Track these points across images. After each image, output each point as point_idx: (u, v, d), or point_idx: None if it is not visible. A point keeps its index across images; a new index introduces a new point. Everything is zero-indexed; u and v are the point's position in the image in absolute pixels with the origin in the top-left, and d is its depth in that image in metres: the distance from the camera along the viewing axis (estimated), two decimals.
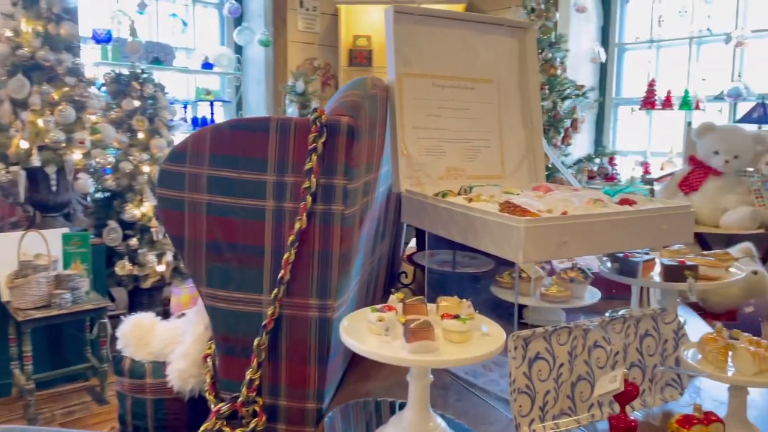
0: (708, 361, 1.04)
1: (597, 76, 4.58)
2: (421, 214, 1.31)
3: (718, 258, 1.35)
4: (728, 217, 3.13)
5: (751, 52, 3.83)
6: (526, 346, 1.08)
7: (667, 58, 4.34)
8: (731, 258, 1.36)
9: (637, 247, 1.22)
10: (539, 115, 1.59)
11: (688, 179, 3.39)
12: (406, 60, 1.43)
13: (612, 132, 4.60)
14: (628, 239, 1.15)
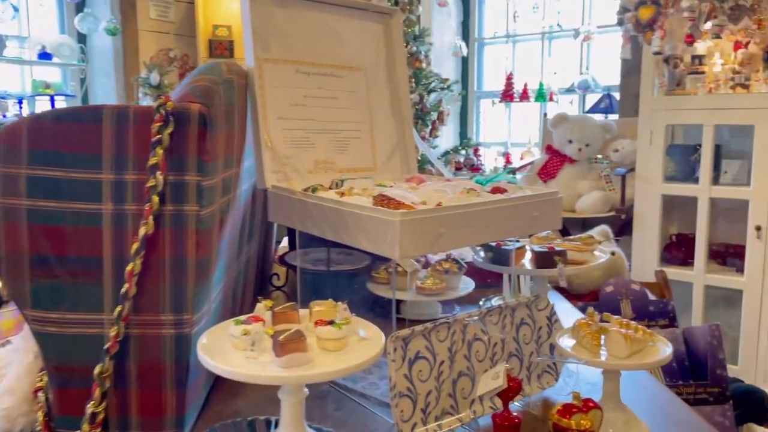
0: (582, 346, 1.05)
1: (459, 70, 4.71)
2: (290, 211, 1.21)
3: (583, 242, 1.38)
4: (582, 202, 3.33)
5: (598, 46, 4.12)
6: (406, 347, 1.02)
7: (523, 53, 4.56)
8: (595, 241, 1.40)
9: (511, 235, 1.21)
10: (409, 104, 1.55)
11: (546, 167, 3.57)
12: (265, 44, 1.31)
13: (476, 124, 4.76)
14: (503, 228, 1.13)
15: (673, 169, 3.16)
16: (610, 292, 1.89)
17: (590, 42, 3.89)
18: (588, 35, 3.75)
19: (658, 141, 2.98)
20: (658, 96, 3.00)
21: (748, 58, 2.90)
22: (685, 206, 2.95)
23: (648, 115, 3.01)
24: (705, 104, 2.85)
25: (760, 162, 2.73)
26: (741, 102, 2.76)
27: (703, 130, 2.87)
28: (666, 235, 3.29)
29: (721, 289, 2.92)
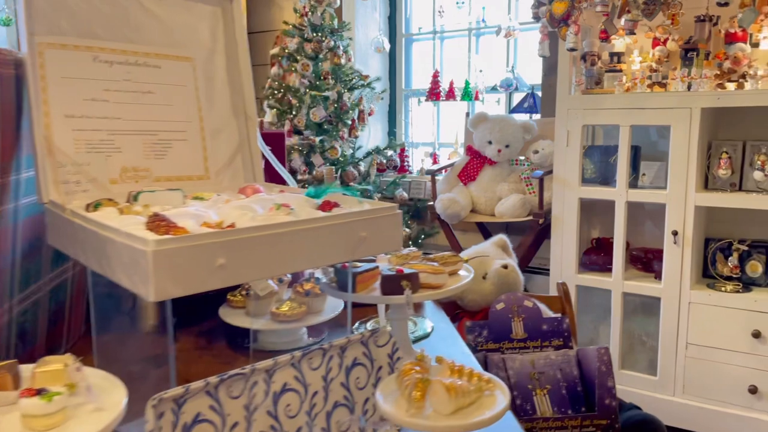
0: (404, 399, 0.85)
1: (386, 67, 4.51)
2: (62, 233, 0.97)
3: (444, 261, 1.19)
4: (501, 205, 3.18)
5: (525, 44, 3.98)
6: (179, 411, 0.80)
7: (450, 50, 4.39)
8: (458, 260, 1.21)
9: (326, 262, 1.00)
10: (253, 101, 1.33)
11: (466, 169, 3.40)
12: (51, 25, 1.07)
13: (404, 123, 4.57)
14: (316, 254, 0.92)
15: (592, 171, 3.03)
16: (501, 309, 1.71)
17: (513, 39, 3.75)
18: (510, 32, 3.60)
19: (575, 142, 2.85)
20: (575, 95, 2.86)
21: (665, 55, 2.79)
22: (606, 210, 2.82)
23: (564, 114, 2.87)
24: (621, 104, 2.73)
25: (676, 164, 2.62)
26: (657, 101, 2.65)
27: (620, 130, 2.74)
28: (587, 240, 3.17)
29: (640, 296, 2.80)
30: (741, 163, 2.71)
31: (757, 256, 2.69)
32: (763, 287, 2.66)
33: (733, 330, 2.53)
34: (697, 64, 2.67)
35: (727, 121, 2.80)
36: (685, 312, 2.64)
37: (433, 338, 1.51)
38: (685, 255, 2.63)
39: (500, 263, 1.81)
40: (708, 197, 2.60)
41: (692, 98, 2.57)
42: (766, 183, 2.58)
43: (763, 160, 2.54)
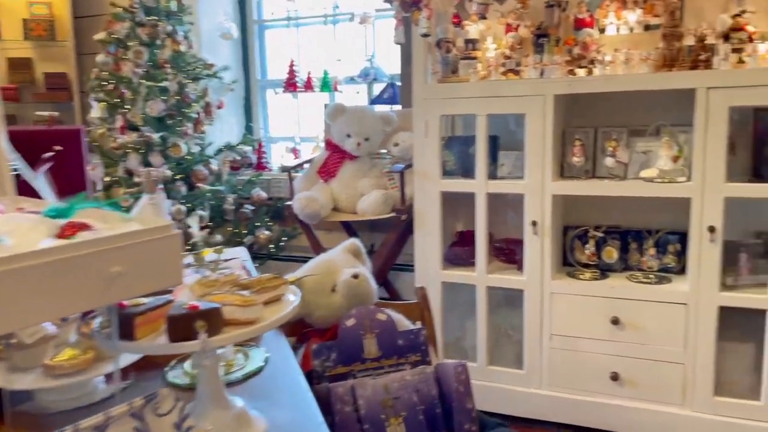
0: None
1: (239, 56, 4.17)
2: None
3: (261, 288, 0.94)
4: (363, 202, 2.99)
5: (382, 32, 3.81)
6: None
7: (307, 38, 4.13)
8: (279, 284, 0.97)
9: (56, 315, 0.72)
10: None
11: (326, 165, 3.18)
12: None
13: (262, 117, 4.26)
14: (33, 306, 0.63)
15: (453, 163, 2.92)
16: (351, 326, 1.50)
17: (370, 26, 3.57)
18: (366, 18, 3.42)
19: (434, 133, 2.71)
20: (432, 84, 2.73)
21: (518, 42, 2.73)
22: (469, 202, 2.71)
23: (422, 105, 2.72)
24: (477, 92, 2.63)
25: (532, 153, 2.56)
26: (511, 89, 2.57)
27: (477, 120, 2.65)
28: (452, 234, 3.07)
29: (504, 289, 2.74)
30: (594, 150, 2.72)
31: (611, 242, 2.71)
32: (619, 272, 2.69)
33: (594, 318, 2.53)
34: (548, 51, 2.63)
35: (580, 108, 2.80)
36: (547, 303, 2.60)
37: (266, 373, 1.26)
38: (545, 245, 2.59)
39: (350, 272, 1.60)
40: (564, 185, 2.58)
41: (545, 85, 2.52)
42: (617, 169, 2.60)
43: (614, 146, 2.55)
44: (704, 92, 2.27)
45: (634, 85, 2.39)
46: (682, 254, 2.59)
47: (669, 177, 2.46)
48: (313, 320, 1.62)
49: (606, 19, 2.66)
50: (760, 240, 2.46)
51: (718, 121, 2.26)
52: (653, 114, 2.59)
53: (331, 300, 1.59)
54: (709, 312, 2.35)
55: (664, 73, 2.37)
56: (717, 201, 2.29)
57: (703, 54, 2.32)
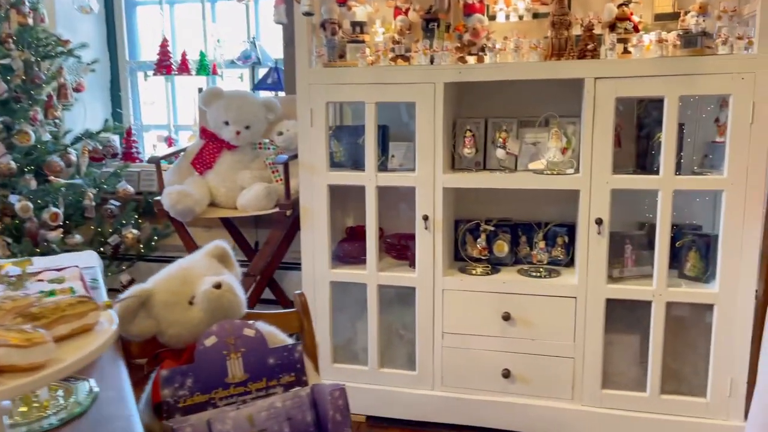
0: None
1: (104, 34, 3.73)
2: None
3: (58, 318, 0.70)
4: (242, 197, 2.73)
5: (266, 11, 3.54)
6: None
7: (184, 17, 3.77)
8: (91, 309, 0.73)
9: None
10: None
11: (201, 155, 2.88)
12: None
13: (133, 102, 3.84)
14: None
15: (341, 154, 2.74)
16: (211, 346, 1.27)
17: (251, 4, 3.29)
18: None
19: (320, 122, 2.51)
20: (317, 68, 2.52)
21: (407, 26, 2.58)
22: (360, 196, 2.54)
23: (306, 90, 2.51)
24: (365, 78, 2.46)
25: (423, 144, 2.43)
26: (401, 76, 2.42)
27: (366, 108, 2.47)
28: (342, 230, 2.89)
29: (396, 287, 2.60)
30: (485, 141, 2.64)
31: (502, 236, 2.65)
32: (510, 266, 2.63)
33: (485, 314, 2.45)
34: (438, 36, 2.50)
35: (471, 97, 2.71)
36: (439, 300, 2.49)
37: (92, 415, 1.01)
38: (436, 240, 2.47)
39: (211, 282, 1.36)
40: (455, 178, 2.47)
41: (435, 72, 2.39)
42: (507, 160, 2.53)
43: (504, 138, 2.47)
44: (591, 82, 2.23)
45: (523, 74, 2.32)
46: (570, 246, 2.57)
47: (558, 169, 2.41)
48: (167, 339, 1.37)
49: (496, 5, 2.58)
50: (642, 231, 2.49)
51: (605, 112, 2.23)
52: (543, 104, 2.54)
53: (188, 315, 1.35)
54: (597, 305, 2.33)
55: (552, 62, 2.31)
56: (604, 193, 2.27)
57: (590, 43, 2.29)
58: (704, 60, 2.13)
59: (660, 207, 2.24)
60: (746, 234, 2.16)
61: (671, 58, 2.18)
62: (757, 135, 2.11)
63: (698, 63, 2.13)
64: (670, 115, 2.18)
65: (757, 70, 2.08)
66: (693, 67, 2.14)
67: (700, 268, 2.34)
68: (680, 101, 2.17)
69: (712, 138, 2.35)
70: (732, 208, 2.17)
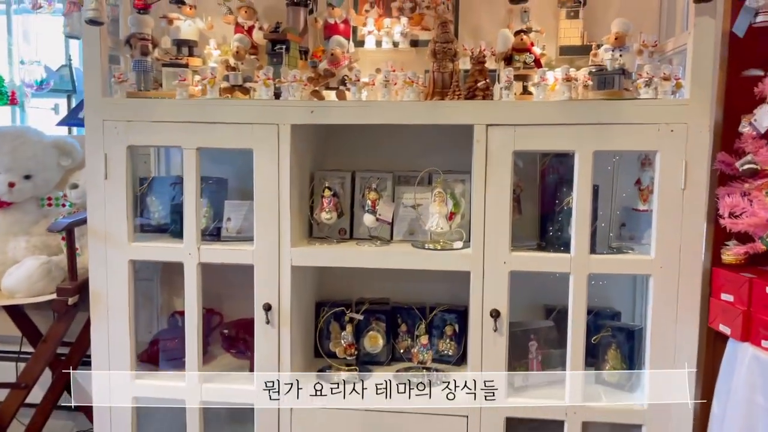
0: None
1: None
2: None
3: None
4: (9, 277, 1.93)
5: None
6: None
7: None
8: None
9: None
10: None
11: None
12: None
13: None
14: None
15: (161, 215, 2.03)
16: None
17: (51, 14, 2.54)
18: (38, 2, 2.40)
19: (119, 172, 1.80)
20: (118, 98, 1.81)
21: (248, 48, 1.94)
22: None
23: (98, 129, 1.80)
24: (183, 115, 1.78)
25: (262, 208, 1.78)
26: (233, 113, 1.77)
27: (184, 155, 1.79)
28: (165, 317, 2.15)
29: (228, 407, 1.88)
30: (351, 201, 2.02)
31: (376, 324, 2.02)
32: (385, 365, 2.01)
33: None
34: (288, 62, 1.88)
35: (333, 143, 2.10)
36: (286, 424, 1.80)
37: None
38: (282, 338, 1.80)
39: None
40: (307, 253, 1.82)
41: (279, 111, 1.76)
42: (379, 229, 1.92)
43: (374, 200, 1.86)
44: (482, 130, 1.68)
45: (395, 117, 1.74)
46: (462, 337, 1.99)
47: (442, 241, 1.83)
48: None
49: (364, 27, 2.00)
50: (550, 322, 1.94)
51: (500, 168, 1.68)
52: (426, 156, 1.98)
53: None
54: (495, 426, 1.73)
55: (433, 103, 1.75)
56: (501, 276, 1.70)
57: (481, 80, 1.75)
58: (623, 105, 1.63)
59: (572, 295, 1.70)
60: (680, 331, 1.65)
61: (582, 102, 1.68)
62: (691, 204, 1.62)
63: (616, 109, 1.63)
64: (581, 174, 1.66)
65: (689, 121, 1.60)
66: (609, 113, 1.64)
67: (623, 373, 1.81)
68: (594, 157, 1.66)
69: (632, 204, 1.85)
70: (661, 299, 1.66)
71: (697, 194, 1.62)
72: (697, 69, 1.59)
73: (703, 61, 1.59)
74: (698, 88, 1.59)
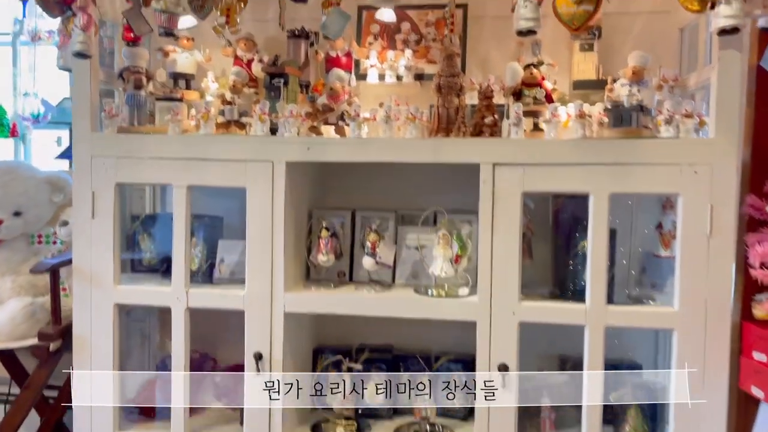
0: None
1: None
2: None
3: None
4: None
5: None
6: None
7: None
8: None
9: None
10: None
11: None
12: None
13: None
14: None
15: (154, 255, 1.94)
16: None
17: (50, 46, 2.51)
18: (38, 34, 2.36)
19: (106, 210, 1.71)
20: (108, 133, 1.74)
21: (245, 81, 1.87)
22: None
23: (86, 166, 1.72)
24: (173, 151, 1.70)
25: (255, 249, 1.68)
26: (226, 149, 1.68)
27: (174, 193, 1.71)
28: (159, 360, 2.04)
29: None
30: (351, 242, 1.91)
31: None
32: (386, 420, 1.86)
33: None
34: (286, 97, 1.80)
35: (333, 180, 2.00)
36: None
37: None
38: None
39: None
40: (303, 299, 1.71)
41: (273, 147, 1.66)
42: (380, 272, 1.80)
43: (374, 241, 1.75)
44: (489, 170, 1.56)
45: (396, 154, 1.63)
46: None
47: (447, 287, 1.71)
48: None
49: (367, 60, 1.92)
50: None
51: (508, 211, 1.56)
52: (430, 194, 1.87)
53: None
54: None
55: (437, 140, 1.64)
56: (510, 328, 1.57)
57: (489, 116, 1.64)
58: (642, 145, 1.51)
59: (587, 349, 1.55)
60: (707, 393, 1.49)
61: (597, 141, 1.56)
62: (717, 252, 1.48)
63: (634, 148, 1.51)
64: (597, 219, 1.54)
65: (714, 161, 1.47)
66: (627, 153, 1.51)
67: None
68: (611, 199, 1.53)
69: (653, 248, 1.71)
70: (686, 356, 1.50)
71: (725, 241, 1.48)
72: (722, 105, 1.47)
73: (728, 96, 1.47)
74: (724, 125, 1.47)
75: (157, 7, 1.50)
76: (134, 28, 1.54)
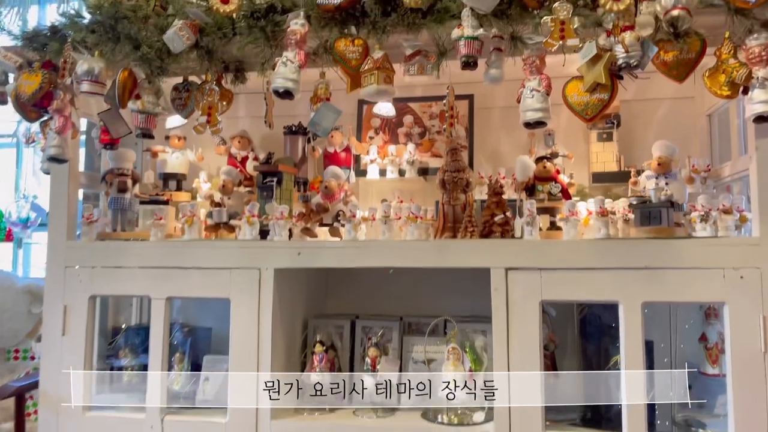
0: None
1: None
2: None
3: None
4: None
5: None
6: None
7: None
8: None
9: None
10: None
11: None
12: None
13: None
14: None
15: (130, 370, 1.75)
16: None
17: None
18: (32, 136, 2.30)
19: (78, 327, 1.55)
20: (84, 242, 1.61)
21: (237, 182, 1.74)
22: None
23: (59, 277, 1.58)
24: (152, 259, 1.55)
25: (239, 368, 1.48)
26: (208, 256, 1.53)
27: (152, 306, 1.54)
28: None
29: None
30: (351, 355, 1.70)
31: None
32: None
33: None
34: (280, 196, 1.66)
35: (332, 284, 1.82)
36: None
37: None
38: None
39: None
40: (293, 429, 1.48)
41: (261, 252, 1.51)
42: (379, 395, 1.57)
43: (375, 356, 1.54)
44: (501, 275, 1.37)
45: (396, 259, 1.45)
46: None
47: (461, 411, 1.48)
48: None
49: (366, 155, 1.79)
50: None
51: (526, 320, 1.36)
52: (441, 298, 1.68)
53: None
54: None
55: (441, 242, 1.47)
56: None
57: (499, 214, 1.47)
58: (676, 246, 1.31)
59: None
60: None
61: (624, 242, 1.37)
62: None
63: (667, 250, 1.31)
64: (630, 331, 1.32)
65: (763, 264, 1.26)
66: (659, 256, 1.31)
67: None
68: (644, 308, 1.32)
69: (699, 364, 1.47)
70: None
71: None
72: (765, 199, 1.28)
73: None
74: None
75: (134, 108, 1.41)
76: (111, 130, 1.43)
